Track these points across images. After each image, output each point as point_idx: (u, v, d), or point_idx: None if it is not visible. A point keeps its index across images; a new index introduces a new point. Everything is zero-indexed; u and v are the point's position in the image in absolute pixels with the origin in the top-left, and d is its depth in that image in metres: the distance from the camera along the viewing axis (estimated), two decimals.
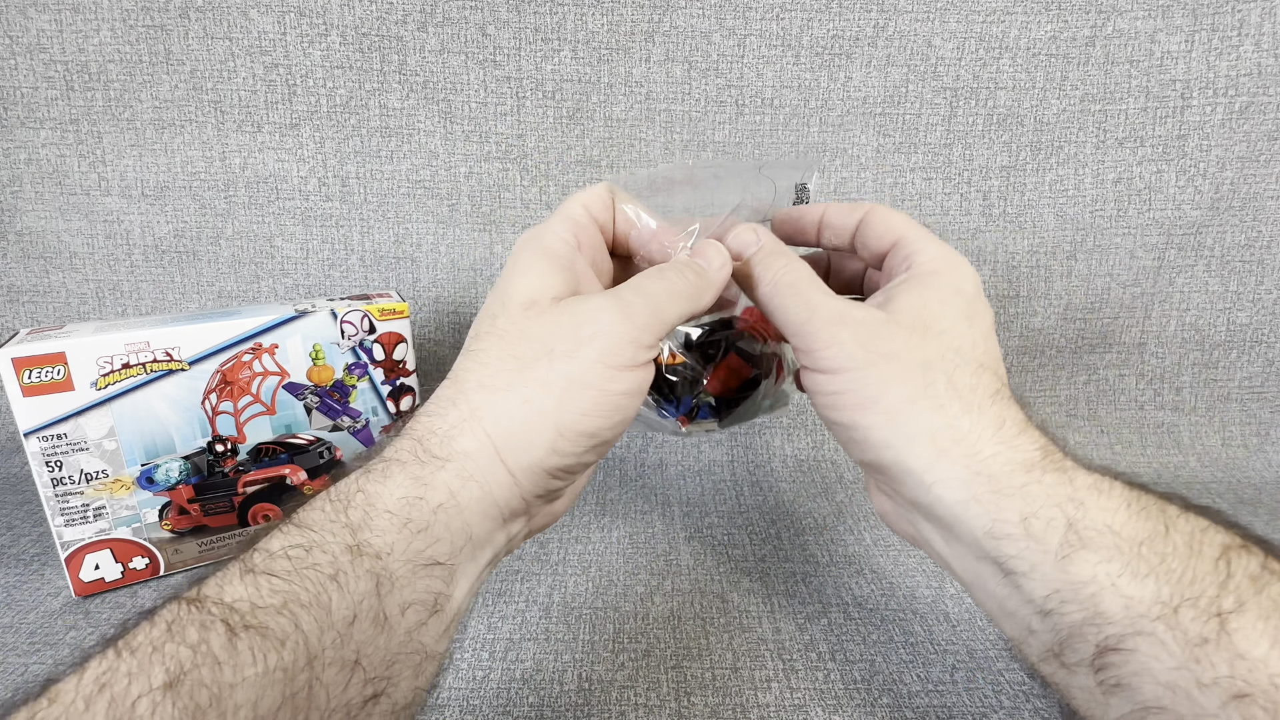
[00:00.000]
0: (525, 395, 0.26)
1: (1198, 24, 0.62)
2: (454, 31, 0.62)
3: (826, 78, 0.63)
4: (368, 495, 0.24)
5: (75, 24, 0.60)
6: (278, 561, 0.22)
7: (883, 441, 0.28)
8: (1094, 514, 0.25)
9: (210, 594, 0.21)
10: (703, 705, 0.37)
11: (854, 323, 0.29)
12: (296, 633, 0.21)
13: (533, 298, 0.28)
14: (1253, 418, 0.69)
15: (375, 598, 0.23)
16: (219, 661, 0.19)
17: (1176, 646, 0.22)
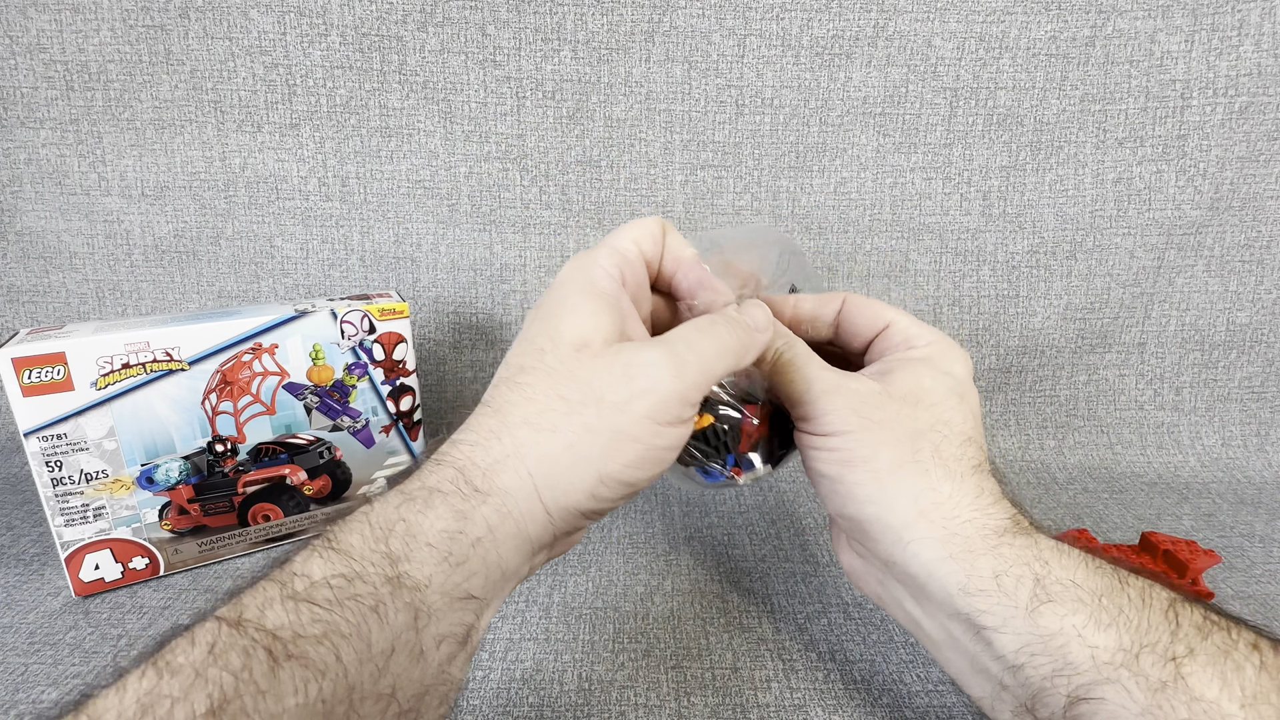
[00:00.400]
0: (571, 440, 0.26)
1: (1198, 24, 0.62)
2: (454, 31, 0.62)
3: (826, 78, 0.63)
4: (409, 525, 0.24)
5: (75, 24, 0.60)
6: (319, 590, 0.22)
7: (866, 497, 0.30)
8: (1058, 571, 0.27)
9: (251, 618, 0.21)
10: (703, 705, 0.37)
11: (849, 393, 0.31)
12: (337, 664, 0.21)
13: (585, 339, 0.27)
14: (1253, 418, 0.69)
15: (413, 631, 0.23)
16: (262, 691, 0.19)
17: (1140, 692, 0.24)
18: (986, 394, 0.69)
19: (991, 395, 0.69)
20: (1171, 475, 0.65)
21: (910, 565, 0.30)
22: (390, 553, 0.23)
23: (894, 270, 0.67)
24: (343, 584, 0.22)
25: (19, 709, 0.37)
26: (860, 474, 0.30)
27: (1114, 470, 0.65)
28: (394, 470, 0.54)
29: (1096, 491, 0.61)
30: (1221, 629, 0.26)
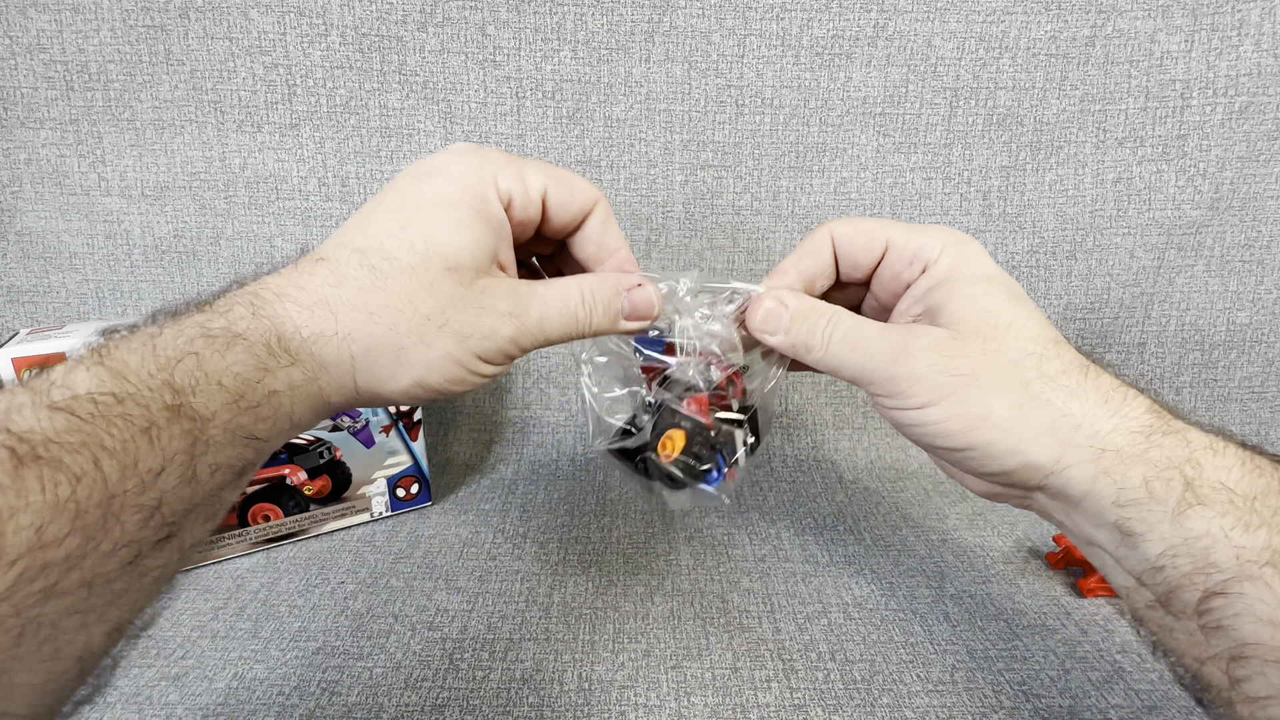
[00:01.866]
0: (404, 344, 0.27)
1: (1198, 24, 0.62)
2: (454, 31, 0.62)
3: (826, 78, 0.63)
4: (201, 361, 0.24)
5: (75, 24, 0.60)
6: (82, 404, 0.21)
7: (1007, 451, 0.29)
8: (1209, 473, 0.26)
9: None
10: (703, 705, 0.37)
11: (923, 352, 0.30)
12: (95, 472, 0.20)
13: (459, 263, 0.28)
14: (1253, 418, 0.69)
15: (188, 456, 0.22)
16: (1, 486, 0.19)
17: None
18: None
19: None
20: None
21: (1066, 489, 0.29)
22: (173, 382, 0.23)
23: None
24: (110, 402, 0.21)
25: None
26: (988, 433, 0.29)
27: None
28: (393, 472, 0.54)
29: None
30: None
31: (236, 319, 0.25)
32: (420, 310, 0.27)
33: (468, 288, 0.28)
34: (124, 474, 0.21)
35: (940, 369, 0.29)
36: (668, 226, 0.66)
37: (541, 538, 0.53)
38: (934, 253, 0.32)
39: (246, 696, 0.38)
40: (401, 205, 0.28)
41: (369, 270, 0.27)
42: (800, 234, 0.66)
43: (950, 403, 0.29)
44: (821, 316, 0.32)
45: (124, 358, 0.23)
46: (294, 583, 0.47)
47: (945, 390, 0.29)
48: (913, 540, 0.53)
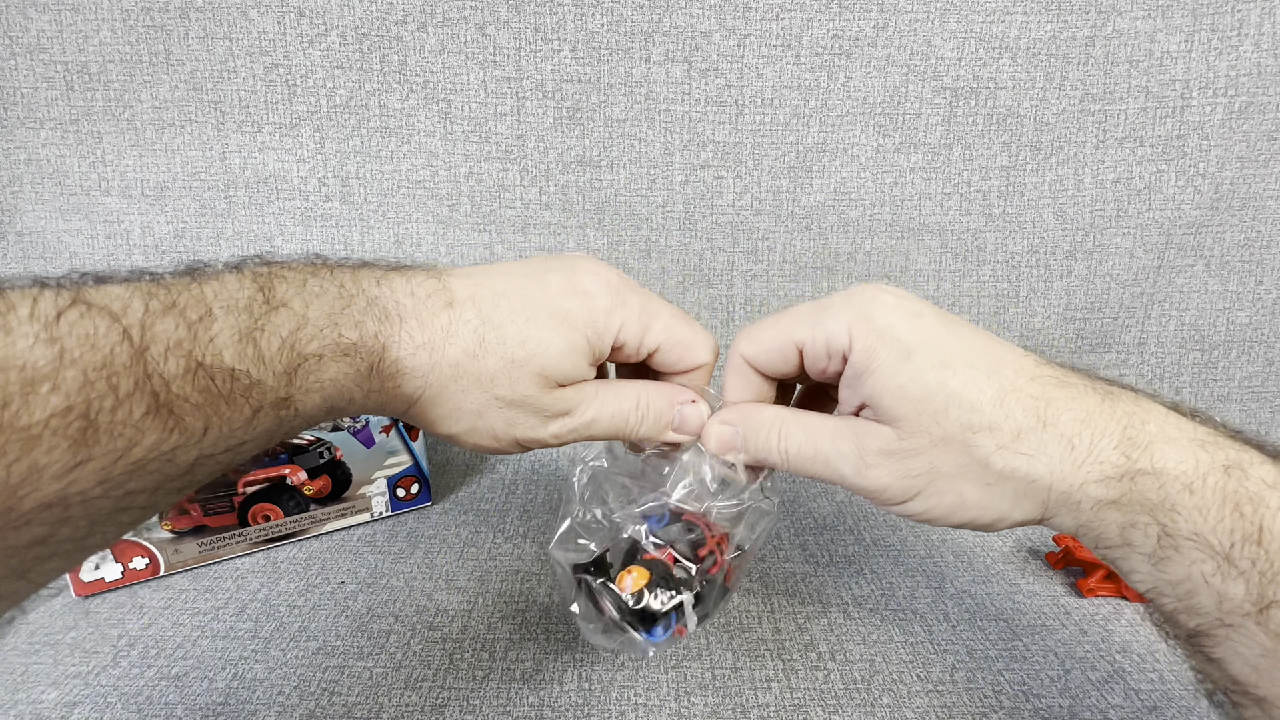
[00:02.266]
0: (463, 408, 0.30)
1: (1198, 24, 0.62)
2: (454, 31, 0.62)
3: (826, 78, 0.63)
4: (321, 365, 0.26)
5: (75, 24, 0.60)
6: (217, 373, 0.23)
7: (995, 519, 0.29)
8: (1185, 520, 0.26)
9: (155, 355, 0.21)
10: (703, 705, 0.37)
11: (879, 460, 0.29)
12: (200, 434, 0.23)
13: (548, 377, 0.31)
14: (1253, 418, 0.69)
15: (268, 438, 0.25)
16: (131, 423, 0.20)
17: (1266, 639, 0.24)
18: None
19: None
20: None
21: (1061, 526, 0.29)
22: (291, 378, 0.25)
23: (894, 270, 0.67)
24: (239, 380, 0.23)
25: (19, 709, 0.37)
26: (969, 514, 0.29)
27: None
28: (393, 472, 0.54)
29: None
30: None
31: (366, 334, 0.27)
32: (495, 392, 0.30)
33: (542, 393, 0.31)
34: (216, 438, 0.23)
35: (900, 474, 0.29)
36: (668, 226, 0.66)
37: (541, 538, 0.53)
38: (843, 340, 0.30)
39: (246, 696, 0.38)
40: (537, 301, 0.31)
41: (478, 341, 0.29)
42: (800, 234, 0.66)
43: (923, 498, 0.29)
44: (770, 430, 0.32)
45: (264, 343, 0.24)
46: (294, 583, 0.47)
47: (913, 489, 0.29)
48: (913, 540, 0.53)
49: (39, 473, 0.18)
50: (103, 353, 0.19)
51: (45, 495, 0.18)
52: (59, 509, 0.19)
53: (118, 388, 0.19)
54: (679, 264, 0.67)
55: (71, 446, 0.18)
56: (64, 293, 0.20)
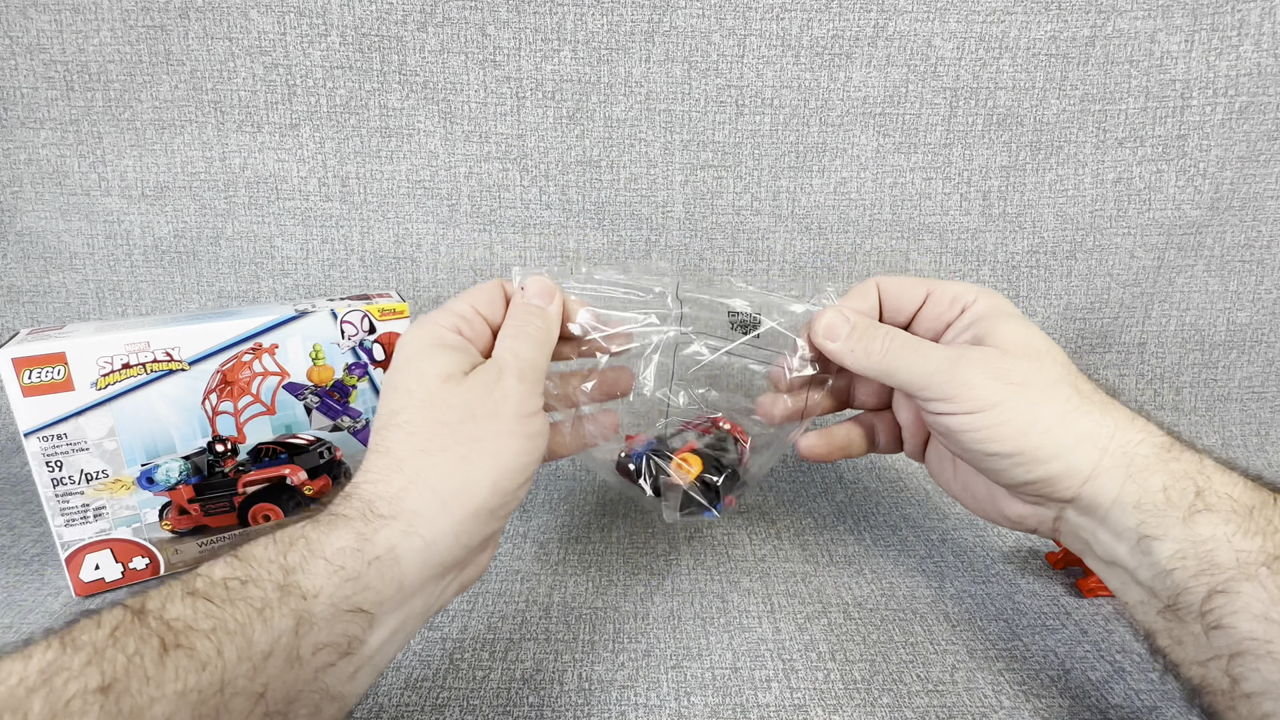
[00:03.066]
0: (463, 453, 0.30)
1: (1198, 24, 0.62)
2: (454, 31, 0.62)
3: (826, 78, 0.63)
4: (309, 541, 0.27)
5: (75, 24, 0.60)
6: (216, 589, 0.24)
7: (1051, 455, 0.32)
8: (1218, 484, 0.30)
9: (153, 609, 0.23)
10: (703, 705, 0.37)
11: (979, 361, 0.34)
12: (218, 658, 0.23)
13: (447, 372, 0.31)
14: (1253, 418, 0.69)
15: (293, 635, 0.25)
16: (148, 676, 0.21)
17: (1275, 587, 0.27)
18: None
19: None
20: None
21: (1096, 497, 0.32)
22: (286, 564, 0.26)
23: (894, 270, 0.67)
24: (237, 585, 0.25)
25: None
26: (1037, 438, 0.32)
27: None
28: None
29: None
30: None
31: (336, 506, 0.29)
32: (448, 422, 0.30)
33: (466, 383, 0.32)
34: (240, 659, 0.23)
35: (995, 376, 0.33)
36: (668, 226, 0.66)
37: (541, 538, 0.53)
38: (970, 297, 0.37)
39: None
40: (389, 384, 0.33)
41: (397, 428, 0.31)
42: (800, 234, 0.66)
43: (1003, 408, 0.32)
44: (881, 329, 0.37)
45: (251, 550, 0.26)
46: None
47: (999, 396, 0.32)
48: (913, 540, 0.53)
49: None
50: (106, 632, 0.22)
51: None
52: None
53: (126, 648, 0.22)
54: (679, 264, 0.67)
55: None
56: None
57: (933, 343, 0.36)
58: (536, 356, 0.34)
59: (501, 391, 0.32)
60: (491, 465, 0.30)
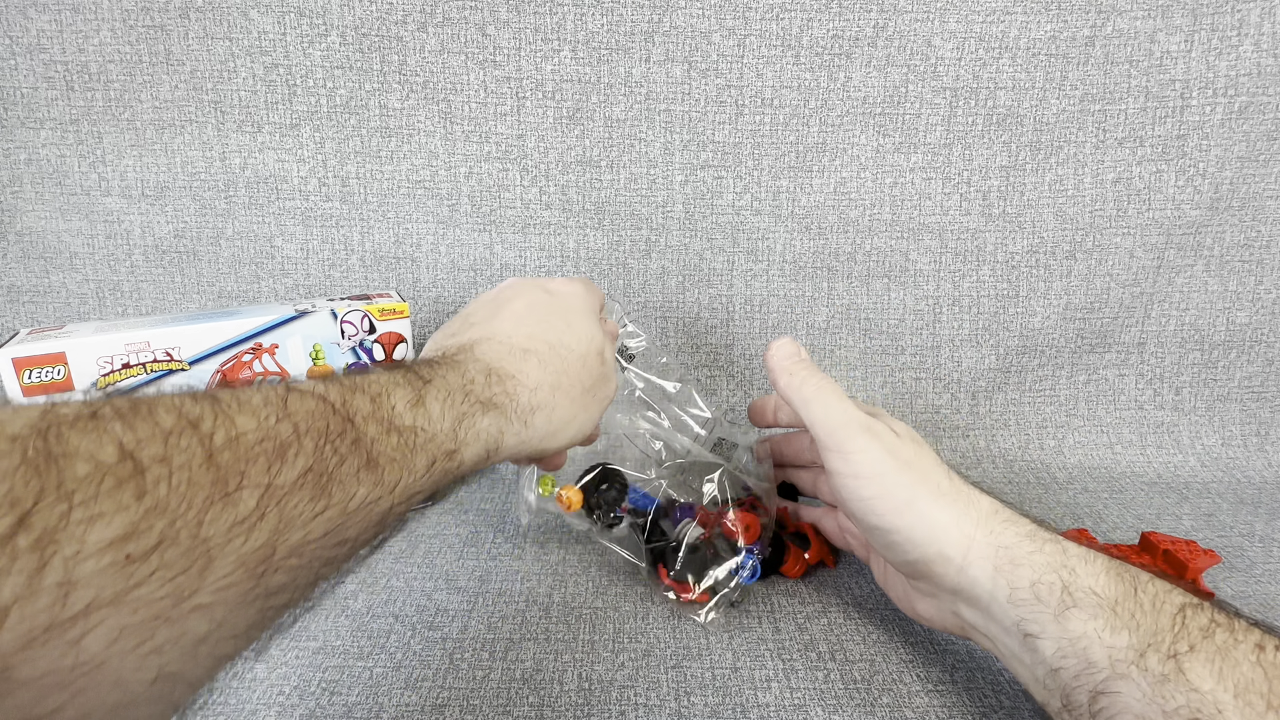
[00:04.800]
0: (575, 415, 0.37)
1: (1198, 24, 0.62)
2: (454, 31, 0.62)
3: (826, 78, 0.63)
4: (473, 422, 0.31)
5: (75, 24, 0.60)
6: (405, 434, 0.28)
7: (925, 539, 0.35)
8: (1082, 579, 0.32)
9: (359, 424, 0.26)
10: (703, 705, 0.37)
11: (877, 435, 0.37)
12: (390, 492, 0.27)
13: (600, 350, 0.40)
14: (1253, 418, 0.69)
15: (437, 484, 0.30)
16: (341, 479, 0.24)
17: (1146, 685, 0.28)
18: (987, 393, 0.69)
19: (991, 395, 0.69)
20: (1171, 475, 0.65)
21: (973, 588, 0.34)
22: (458, 437, 0.30)
23: (894, 270, 0.67)
24: (423, 437, 0.28)
25: None
26: (911, 519, 0.35)
27: (1114, 470, 0.65)
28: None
29: (1096, 491, 0.61)
30: (1226, 630, 0.29)
31: (495, 393, 0.33)
32: (585, 385, 0.38)
33: (601, 365, 0.39)
34: (402, 494, 0.27)
35: (886, 450, 0.37)
36: (668, 226, 0.66)
37: (541, 538, 0.53)
38: None
39: (246, 696, 0.38)
40: (556, 312, 0.39)
41: (559, 359, 0.37)
42: (800, 234, 0.66)
43: (885, 481, 0.36)
44: (818, 373, 0.41)
45: (430, 406, 0.29)
46: None
47: (885, 468, 0.36)
48: None
49: (291, 522, 0.21)
50: (323, 423, 0.24)
51: (292, 543, 0.21)
52: (297, 556, 0.22)
53: (339, 449, 0.24)
54: (679, 264, 0.67)
55: (312, 499, 0.22)
56: (279, 384, 0.24)
57: (847, 401, 0.39)
58: None
59: (610, 386, 0.41)
60: (574, 435, 0.38)
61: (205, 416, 0.20)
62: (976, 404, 0.69)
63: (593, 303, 0.41)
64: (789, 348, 0.42)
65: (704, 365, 0.68)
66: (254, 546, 0.20)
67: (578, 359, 0.37)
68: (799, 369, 0.41)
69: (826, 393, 0.39)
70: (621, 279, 0.67)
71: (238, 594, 0.20)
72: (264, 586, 0.21)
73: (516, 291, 0.40)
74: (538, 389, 0.35)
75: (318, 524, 0.22)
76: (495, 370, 0.34)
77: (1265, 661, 0.28)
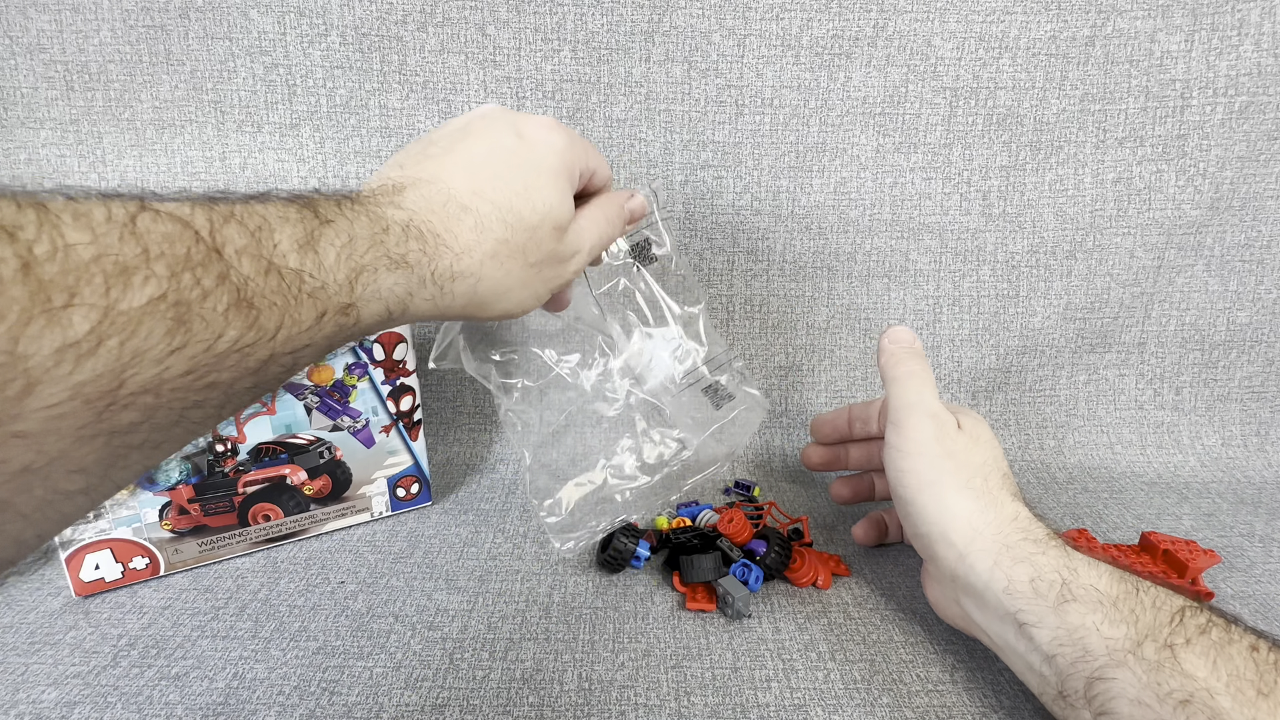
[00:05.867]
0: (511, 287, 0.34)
1: (1198, 24, 0.62)
2: (454, 31, 0.62)
3: (826, 78, 0.63)
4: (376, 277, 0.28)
5: (75, 24, 0.60)
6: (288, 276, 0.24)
7: (934, 518, 0.39)
8: (1083, 578, 0.34)
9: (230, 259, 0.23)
10: (703, 705, 0.37)
11: (939, 422, 0.41)
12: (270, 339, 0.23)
13: (560, 225, 0.36)
14: (1253, 418, 0.69)
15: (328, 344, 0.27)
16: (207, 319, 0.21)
17: (1142, 671, 0.30)
18: (987, 394, 0.69)
19: (991, 395, 0.69)
20: (1171, 475, 0.65)
21: (969, 576, 0.37)
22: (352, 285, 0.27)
23: (894, 270, 0.67)
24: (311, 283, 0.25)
25: (19, 709, 0.37)
26: (928, 497, 0.39)
27: (1114, 470, 0.65)
28: (390, 468, 0.54)
29: (1096, 491, 0.61)
30: (1222, 629, 0.31)
31: (413, 251, 0.30)
32: (529, 260, 0.35)
33: (558, 242, 0.36)
34: (285, 340, 0.24)
35: (936, 436, 0.41)
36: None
37: (541, 538, 0.53)
38: None
39: (246, 696, 0.38)
40: (518, 167, 0.34)
41: (504, 225, 0.33)
42: (800, 234, 0.66)
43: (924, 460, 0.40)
44: (920, 359, 0.45)
45: (325, 241, 0.26)
46: (294, 583, 0.47)
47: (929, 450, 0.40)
48: None
49: (141, 356, 0.19)
50: (182, 250, 0.21)
51: (145, 379, 0.19)
52: (153, 395, 0.20)
53: (202, 281, 0.21)
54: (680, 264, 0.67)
55: (168, 333, 0.20)
56: (130, 201, 0.21)
57: (933, 393, 0.43)
58: (600, 251, 0.41)
59: (569, 267, 0.38)
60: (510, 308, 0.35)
61: (27, 225, 0.17)
62: (976, 404, 0.69)
63: (569, 161, 0.36)
64: (905, 336, 0.46)
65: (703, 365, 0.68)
66: (90, 375, 0.18)
67: (526, 230, 0.34)
68: (903, 354, 0.45)
69: (916, 378, 0.43)
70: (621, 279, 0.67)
71: (72, 426, 0.18)
72: (111, 423, 0.19)
73: (485, 127, 0.36)
74: (464, 254, 0.32)
75: (176, 360, 0.20)
76: (417, 226, 0.30)
77: (1259, 659, 0.29)
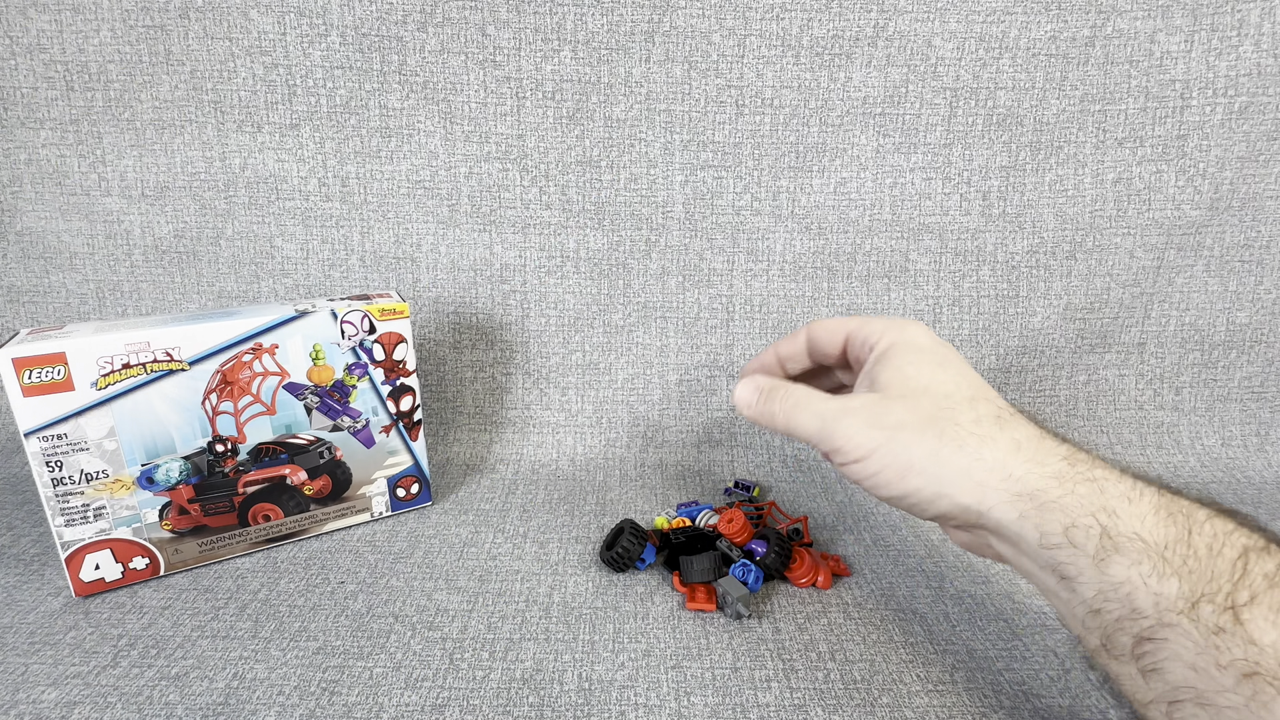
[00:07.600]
0: None
1: (1197, 24, 0.62)
2: (454, 31, 0.62)
3: (826, 78, 0.63)
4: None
5: (75, 24, 0.60)
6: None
7: (934, 495, 0.33)
8: (1124, 522, 0.29)
9: None
10: (703, 705, 0.37)
11: (856, 412, 0.35)
12: None
13: None
14: (1253, 418, 0.69)
15: None
16: None
17: (1199, 635, 0.26)
18: None
19: None
20: (1171, 475, 0.65)
21: (1000, 529, 0.32)
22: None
23: (894, 270, 0.67)
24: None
25: (19, 709, 0.37)
26: (915, 480, 0.33)
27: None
28: (394, 471, 0.54)
29: None
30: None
31: None
32: None
33: None
34: None
35: (870, 423, 0.34)
36: (668, 226, 0.66)
37: (541, 538, 0.53)
38: (876, 337, 0.38)
39: (246, 696, 0.38)
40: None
41: None
42: (800, 234, 0.66)
43: (881, 454, 0.34)
44: (779, 391, 0.38)
45: None
46: (294, 583, 0.47)
47: (875, 442, 0.34)
48: (912, 540, 0.53)
49: None
50: None
51: None
52: None
53: None
54: (679, 264, 0.67)
55: None
56: None
57: (823, 397, 0.37)
58: None
59: None
60: None
61: None
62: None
63: None
64: (747, 394, 0.40)
65: (704, 365, 0.68)
66: None
67: None
68: (761, 403, 0.39)
69: (795, 406, 0.37)
70: (621, 279, 0.67)
71: None
72: None
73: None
74: None
75: None
76: None
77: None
